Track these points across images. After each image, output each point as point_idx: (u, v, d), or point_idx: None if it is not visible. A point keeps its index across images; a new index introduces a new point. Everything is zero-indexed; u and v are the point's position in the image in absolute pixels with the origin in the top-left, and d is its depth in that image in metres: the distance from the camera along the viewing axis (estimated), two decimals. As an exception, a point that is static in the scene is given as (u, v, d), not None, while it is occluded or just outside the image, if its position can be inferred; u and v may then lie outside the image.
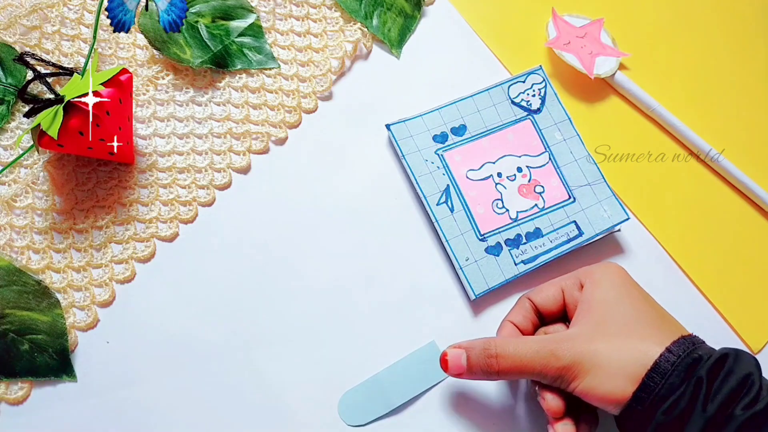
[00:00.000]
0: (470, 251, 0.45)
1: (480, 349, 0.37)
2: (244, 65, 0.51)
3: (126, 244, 0.45)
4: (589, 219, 0.47)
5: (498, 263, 0.45)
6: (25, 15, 0.49)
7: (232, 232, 0.47)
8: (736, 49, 0.56)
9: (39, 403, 0.41)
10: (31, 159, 0.46)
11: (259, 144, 0.49)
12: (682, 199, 0.50)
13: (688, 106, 0.53)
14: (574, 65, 0.51)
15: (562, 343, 0.36)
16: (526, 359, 0.36)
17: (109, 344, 0.43)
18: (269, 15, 0.53)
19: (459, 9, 0.55)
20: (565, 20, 0.54)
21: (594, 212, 0.48)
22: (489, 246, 0.46)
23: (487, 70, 0.53)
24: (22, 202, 0.45)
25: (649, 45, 0.55)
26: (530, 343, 0.36)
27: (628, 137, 0.52)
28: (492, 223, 0.46)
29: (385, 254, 0.47)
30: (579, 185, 0.48)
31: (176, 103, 0.49)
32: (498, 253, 0.46)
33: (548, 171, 0.49)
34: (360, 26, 0.53)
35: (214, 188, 0.48)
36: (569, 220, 0.47)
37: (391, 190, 0.49)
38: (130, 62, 0.50)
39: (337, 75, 0.52)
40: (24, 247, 0.44)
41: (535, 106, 0.50)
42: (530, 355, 0.36)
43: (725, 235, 0.50)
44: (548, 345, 0.36)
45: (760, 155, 0.52)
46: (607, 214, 0.47)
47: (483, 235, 0.46)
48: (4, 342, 0.41)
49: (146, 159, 0.48)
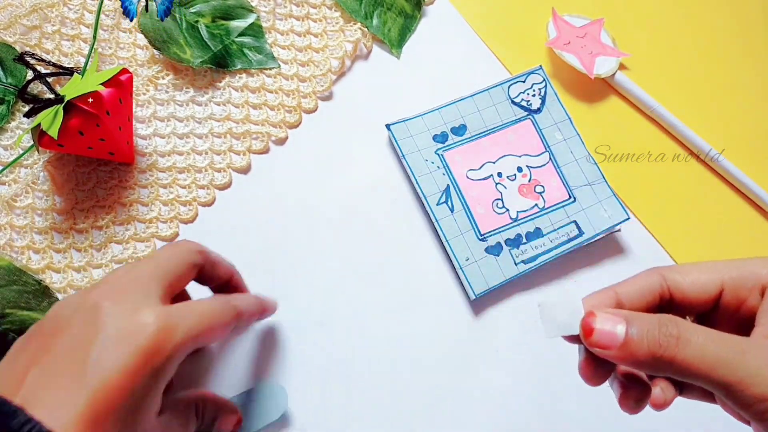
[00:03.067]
0: (470, 251, 0.45)
1: (653, 321, 0.26)
2: (244, 65, 0.51)
3: (126, 244, 0.45)
4: (589, 219, 0.47)
5: (498, 263, 0.45)
6: (25, 15, 0.49)
7: (232, 232, 0.47)
8: (736, 49, 0.56)
9: (39, 403, 0.41)
10: (31, 159, 0.46)
11: (259, 144, 0.49)
12: (682, 199, 0.50)
13: (688, 106, 0.53)
14: (574, 65, 0.51)
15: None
16: (723, 358, 0.25)
17: (109, 344, 0.43)
18: (269, 15, 0.53)
19: (459, 9, 0.55)
20: (565, 20, 0.54)
21: (594, 212, 0.47)
22: (489, 246, 0.46)
23: (487, 70, 0.53)
24: (22, 202, 0.45)
25: (649, 45, 0.55)
26: (726, 336, 0.25)
27: (628, 137, 0.52)
28: (492, 222, 0.46)
29: (385, 254, 0.47)
30: (579, 185, 0.48)
31: (176, 103, 0.49)
32: (498, 253, 0.46)
33: (548, 171, 0.49)
34: (360, 26, 0.53)
35: (214, 188, 0.48)
36: (569, 220, 0.47)
37: (391, 190, 0.49)
38: (130, 62, 0.50)
39: (337, 75, 0.52)
40: (24, 247, 0.44)
41: (535, 105, 0.50)
42: (729, 355, 0.25)
43: (725, 235, 0.50)
44: (758, 346, 0.25)
45: (760, 155, 0.52)
46: (607, 214, 0.47)
47: (483, 235, 0.46)
48: (5, 342, 0.41)
49: (146, 159, 0.48)
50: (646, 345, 0.25)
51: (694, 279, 0.29)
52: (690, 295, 0.29)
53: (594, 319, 0.26)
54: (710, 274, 0.29)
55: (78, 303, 0.31)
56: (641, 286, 0.29)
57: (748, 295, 0.28)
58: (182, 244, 0.36)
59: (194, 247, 0.36)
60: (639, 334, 0.26)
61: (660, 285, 0.29)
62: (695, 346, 0.25)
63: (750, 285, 0.28)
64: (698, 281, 0.29)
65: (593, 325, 0.26)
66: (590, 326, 0.26)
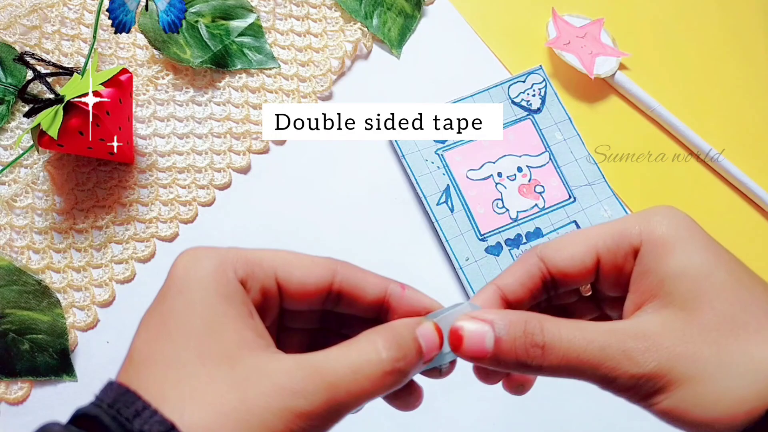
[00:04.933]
0: (470, 251, 0.45)
1: (519, 329, 0.25)
2: (244, 65, 0.51)
3: (126, 244, 0.45)
4: (589, 219, 0.47)
5: (498, 263, 0.45)
6: (25, 15, 0.49)
7: (232, 232, 0.47)
8: (736, 49, 0.56)
9: (39, 403, 0.41)
10: (31, 159, 0.46)
11: (259, 144, 0.49)
12: (682, 199, 0.50)
13: (688, 106, 0.53)
14: (574, 65, 0.51)
15: (638, 340, 0.24)
16: (586, 356, 0.24)
17: (109, 344, 0.43)
18: (269, 15, 0.53)
19: (459, 9, 0.55)
20: (565, 20, 0.54)
21: (594, 212, 0.48)
22: (489, 246, 0.46)
23: (487, 70, 0.53)
24: (22, 202, 0.45)
25: (649, 45, 0.55)
26: (592, 332, 0.25)
27: (628, 137, 0.52)
28: (492, 222, 0.46)
29: (385, 253, 0.47)
30: (579, 185, 0.48)
31: (176, 103, 0.49)
32: (498, 253, 0.46)
33: (548, 171, 0.49)
34: (360, 26, 0.53)
35: (214, 188, 0.48)
36: (569, 219, 0.47)
37: (391, 189, 0.49)
38: (130, 62, 0.50)
39: (337, 75, 0.52)
40: (24, 247, 0.44)
41: (535, 105, 0.50)
42: (593, 352, 0.24)
43: (725, 235, 0.49)
44: (619, 341, 0.24)
45: (760, 155, 0.52)
46: (607, 213, 0.48)
47: (483, 235, 0.46)
48: (5, 342, 0.41)
49: (146, 159, 0.48)
50: (515, 355, 0.25)
51: (569, 254, 0.28)
52: (568, 271, 0.28)
53: (460, 330, 0.25)
54: (584, 245, 0.28)
55: None
56: (521, 275, 0.28)
57: (624, 261, 0.27)
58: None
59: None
60: (506, 343, 0.25)
61: (539, 268, 0.28)
62: (561, 350, 0.24)
63: (624, 251, 0.27)
64: (574, 256, 0.28)
65: (462, 334, 0.25)
66: (457, 335, 0.25)
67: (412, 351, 0.23)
